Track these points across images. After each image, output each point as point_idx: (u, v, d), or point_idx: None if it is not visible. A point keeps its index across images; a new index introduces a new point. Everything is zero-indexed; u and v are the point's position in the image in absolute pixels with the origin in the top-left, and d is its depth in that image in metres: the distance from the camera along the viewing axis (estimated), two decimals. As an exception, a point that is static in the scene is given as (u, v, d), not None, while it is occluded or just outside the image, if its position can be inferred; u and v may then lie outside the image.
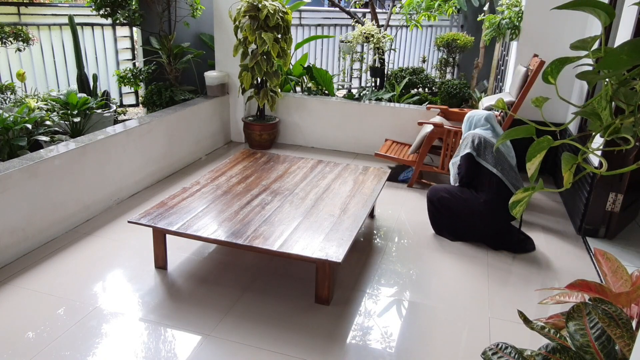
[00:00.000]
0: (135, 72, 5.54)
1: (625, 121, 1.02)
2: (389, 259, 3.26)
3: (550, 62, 1.10)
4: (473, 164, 3.36)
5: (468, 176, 3.40)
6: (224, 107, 5.49)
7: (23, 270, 2.96)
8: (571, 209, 3.96)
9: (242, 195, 3.19)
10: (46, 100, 4.66)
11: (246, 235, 2.68)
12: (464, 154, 3.40)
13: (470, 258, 3.29)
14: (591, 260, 3.31)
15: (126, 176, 4.00)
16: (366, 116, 5.29)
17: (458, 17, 8.35)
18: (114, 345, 2.38)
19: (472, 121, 3.59)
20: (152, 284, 2.88)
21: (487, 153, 3.33)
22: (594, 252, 2.73)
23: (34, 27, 5.57)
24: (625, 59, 0.85)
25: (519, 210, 1.15)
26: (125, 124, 4.18)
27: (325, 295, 2.71)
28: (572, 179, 1.10)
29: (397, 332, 2.56)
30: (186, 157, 4.84)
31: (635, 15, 3.17)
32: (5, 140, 3.67)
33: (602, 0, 0.98)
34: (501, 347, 1.34)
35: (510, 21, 4.86)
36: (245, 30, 4.67)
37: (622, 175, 3.44)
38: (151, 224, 2.77)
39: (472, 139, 3.39)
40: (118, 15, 5.15)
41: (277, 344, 2.41)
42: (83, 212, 3.59)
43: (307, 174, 3.61)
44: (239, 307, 2.68)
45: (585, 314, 1.30)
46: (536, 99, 1.21)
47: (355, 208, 3.07)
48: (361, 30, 5.87)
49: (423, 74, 6.69)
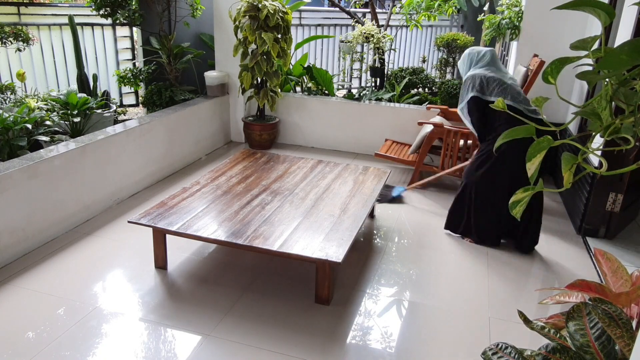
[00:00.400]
0: (135, 72, 5.54)
1: (625, 121, 1.02)
2: (389, 259, 3.26)
3: (550, 62, 1.10)
4: (482, 105, 3.18)
5: (480, 119, 3.24)
6: (224, 107, 5.48)
7: (23, 270, 2.96)
8: (571, 209, 3.96)
9: (242, 195, 3.19)
10: (46, 100, 4.66)
11: (246, 235, 2.68)
12: (468, 99, 3.21)
13: (470, 258, 3.29)
14: (591, 260, 3.31)
15: (126, 176, 4.00)
16: (366, 116, 5.28)
17: (458, 17, 8.36)
18: (114, 345, 2.38)
19: (472, 58, 3.33)
20: (152, 284, 2.88)
21: (492, 88, 3.15)
22: (594, 252, 2.72)
23: (34, 27, 5.57)
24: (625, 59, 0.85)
25: (519, 210, 1.15)
26: (125, 124, 4.18)
27: (325, 295, 2.71)
28: (572, 179, 1.10)
29: (397, 332, 2.56)
30: (186, 157, 4.84)
31: (635, 15, 3.17)
32: (5, 140, 3.67)
33: (602, 0, 0.98)
34: (501, 347, 1.34)
35: (510, 21, 4.86)
36: (245, 30, 4.67)
37: (622, 175, 3.44)
38: (151, 224, 2.77)
39: (472, 81, 3.20)
40: (118, 15, 5.15)
41: (277, 344, 2.41)
42: (83, 212, 3.59)
43: (307, 174, 3.61)
44: (239, 307, 2.68)
45: (585, 314, 1.30)
46: (536, 99, 1.21)
47: (355, 208, 3.07)
48: (361, 30, 5.87)
49: (423, 74, 6.68)
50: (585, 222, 3.61)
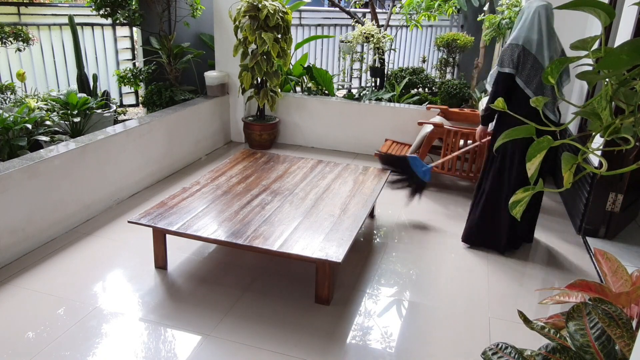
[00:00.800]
0: (135, 72, 5.54)
1: (625, 121, 1.02)
2: (389, 259, 3.26)
3: (550, 62, 1.10)
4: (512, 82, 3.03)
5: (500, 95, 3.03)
6: (224, 107, 5.48)
7: (23, 270, 2.96)
8: (571, 209, 3.96)
9: (242, 195, 3.19)
10: (46, 100, 4.66)
11: (246, 235, 2.68)
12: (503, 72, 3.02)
13: (471, 258, 3.29)
14: (591, 260, 3.31)
15: (126, 176, 4.00)
16: (366, 116, 5.29)
17: (458, 17, 8.35)
18: (114, 345, 2.38)
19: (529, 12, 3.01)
20: (152, 284, 2.88)
21: (524, 69, 2.97)
22: (594, 252, 2.72)
23: (34, 27, 5.57)
24: (625, 59, 0.85)
25: (518, 210, 1.15)
26: (125, 124, 4.18)
27: (325, 295, 2.71)
28: (572, 179, 1.10)
29: (397, 332, 2.56)
30: (186, 157, 4.84)
31: (635, 15, 3.17)
32: (5, 140, 3.67)
33: (602, 1, 0.98)
34: (501, 347, 1.34)
35: (510, 21, 4.86)
36: (245, 30, 4.67)
37: (622, 175, 3.44)
38: (151, 224, 2.77)
39: (512, 52, 2.99)
40: (118, 15, 5.15)
41: (277, 344, 2.41)
42: (83, 212, 3.59)
43: (307, 174, 3.61)
44: (239, 307, 2.68)
45: (585, 314, 1.30)
46: (536, 99, 1.21)
47: (355, 208, 3.07)
48: (361, 30, 5.87)
49: (423, 74, 6.69)
50: (585, 222, 3.61)
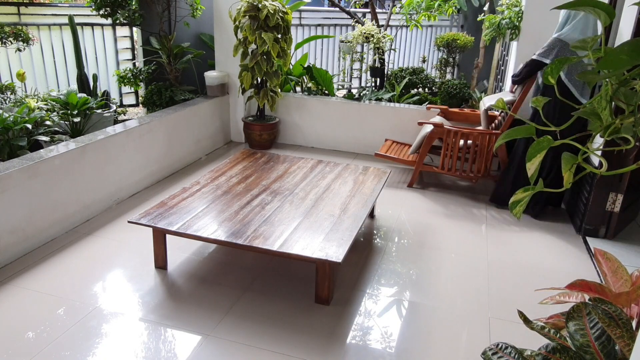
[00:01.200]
0: (135, 72, 5.54)
1: (625, 121, 1.02)
2: (389, 259, 3.26)
3: (550, 62, 1.10)
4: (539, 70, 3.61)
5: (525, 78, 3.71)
6: (224, 107, 5.48)
7: (23, 270, 2.96)
8: (571, 209, 3.96)
9: (242, 195, 3.19)
10: (46, 100, 4.66)
11: (246, 235, 2.68)
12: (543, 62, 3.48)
13: (471, 258, 3.29)
14: (591, 260, 3.31)
15: (126, 176, 4.00)
16: (366, 116, 5.28)
17: (458, 17, 8.35)
18: (114, 345, 2.38)
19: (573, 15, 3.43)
20: (152, 284, 2.88)
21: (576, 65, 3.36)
22: (594, 252, 2.72)
23: (34, 27, 5.57)
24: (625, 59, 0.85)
25: (518, 210, 1.15)
26: (125, 124, 4.18)
27: (325, 295, 2.71)
28: (572, 179, 1.10)
29: (397, 332, 2.56)
30: (186, 157, 4.84)
31: (635, 15, 3.17)
32: (5, 140, 3.67)
33: (602, 1, 0.98)
34: (501, 347, 1.34)
35: (510, 21, 4.86)
36: (245, 30, 4.67)
37: (622, 175, 3.44)
38: (151, 224, 2.77)
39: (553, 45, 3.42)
40: (118, 15, 5.15)
41: (277, 344, 2.41)
42: (83, 212, 3.59)
43: (307, 174, 3.61)
44: (239, 307, 2.68)
45: (585, 314, 1.30)
46: (536, 99, 1.21)
47: (355, 208, 3.07)
48: (361, 30, 5.87)
49: (423, 74, 6.68)
50: (585, 222, 3.61)
